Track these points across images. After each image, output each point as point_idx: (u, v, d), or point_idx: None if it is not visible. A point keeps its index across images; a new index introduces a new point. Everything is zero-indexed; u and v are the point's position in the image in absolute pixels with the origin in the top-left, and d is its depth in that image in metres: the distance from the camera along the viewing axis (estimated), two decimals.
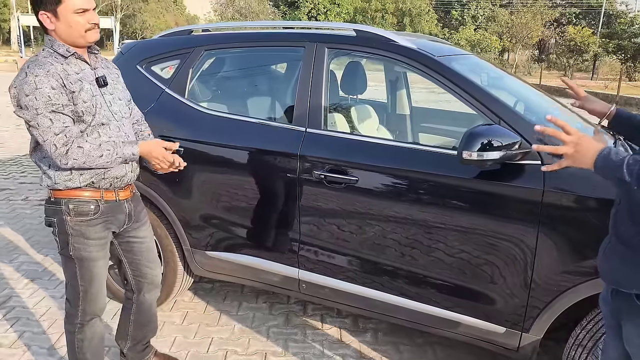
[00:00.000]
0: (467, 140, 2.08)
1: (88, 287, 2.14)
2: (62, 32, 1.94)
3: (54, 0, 1.89)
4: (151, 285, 2.40)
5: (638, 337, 1.50)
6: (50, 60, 1.93)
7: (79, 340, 2.22)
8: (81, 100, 1.96)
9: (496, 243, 2.21)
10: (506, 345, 2.32)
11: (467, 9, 49.77)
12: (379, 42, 2.61)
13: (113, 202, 2.13)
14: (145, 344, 2.55)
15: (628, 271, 1.49)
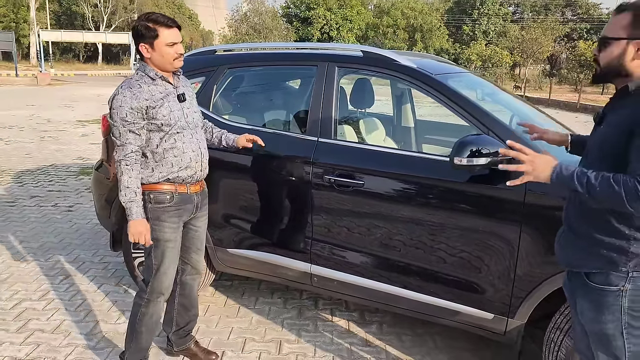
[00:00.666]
0: (457, 148, 2.39)
1: (159, 265, 2.54)
2: (155, 60, 2.40)
3: (152, 35, 2.35)
4: (193, 269, 2.78)
5: (589, 310, 1.79)
6: (140, 82, 2.39)
7: (142, 314, 2.61)
8: (161, 114, 2.40)
9: (485, 239, 2.52)
10: (495, 330, 2.61)
11: (479, 24, 50.27)
12: (383, 62, 2.95)
13: (185, 194, 2.54)
14: (187, 331, 2.90)
15: (577, 254, 1.79)
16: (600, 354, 1.82)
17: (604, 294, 1.73)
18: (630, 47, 1.65)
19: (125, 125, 2.35)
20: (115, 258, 4.33)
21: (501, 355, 3.03)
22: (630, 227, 1.65)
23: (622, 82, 1.72)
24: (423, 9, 37.33)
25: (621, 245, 1.68)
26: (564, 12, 56.02)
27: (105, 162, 3.75)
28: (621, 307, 1.71)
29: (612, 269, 1.70)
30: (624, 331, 1.73)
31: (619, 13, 1.70)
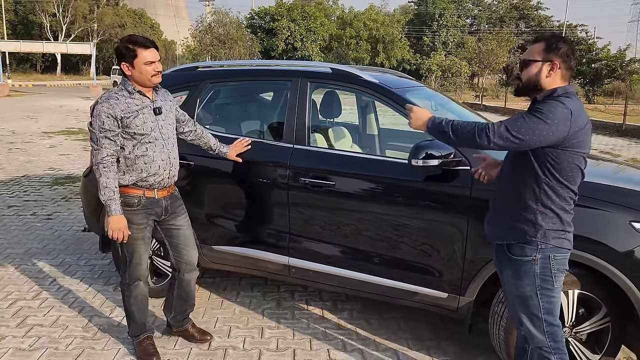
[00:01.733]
0: (414, 151, 2.82)
1: (131, 258, 2.89)
2: (135, 77, 2.74)
3: (132, 55, 2.70)
4: (188, 265, 3.10)
5: (511, 277, 2.25)
6: (118, 95, 2.73)
7: (127, 297, 2.99)
8: (134, 124, 2.72)
9: (439, 229, 2.95)
10: (448, 307, 3.04)
11: (438, 35, 51.80)
12: (349, 77, 3.37)
13: (152, 198, 2.84)
14: (184, 316, 3.24)
15: (500, 229, 2.28)
16: (522, 314, 2.27)
17: (521, 263, 2.20)
18: (544, 67, 2.13)
19: (101, 132, 2.68)
20: (100, 261, 4.59)
21: (456, 332, 3.47)
22: (537, 202, 2.13)
23: (535, 94, 2.21)
24: (385, 21, 38.37)
25: (530, 219, 2.16)
26: (518, 24, 58.32)
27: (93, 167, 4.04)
28: (534, 273, 2.18)
29: (526, 241, 2.17)
30: (538, 292, 2.20)
31: (535, 42, 2.21)
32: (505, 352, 2.83)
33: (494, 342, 2.93)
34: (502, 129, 2.06)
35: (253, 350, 3.20)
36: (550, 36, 2.19)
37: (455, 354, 3.22)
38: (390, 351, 3.24)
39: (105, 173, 2.70)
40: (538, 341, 2.27)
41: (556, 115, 2.01)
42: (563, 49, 2.13)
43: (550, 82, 2.15)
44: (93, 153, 2.75)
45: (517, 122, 2.06)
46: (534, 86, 2.18)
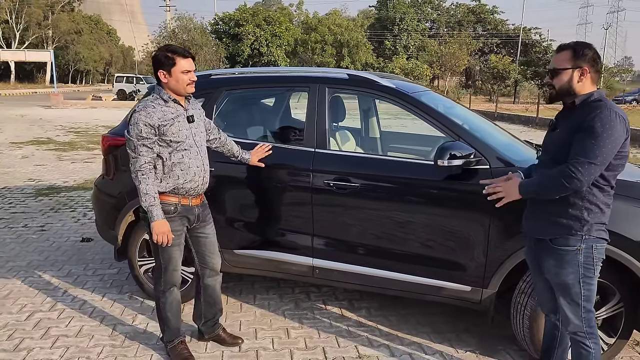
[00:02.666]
0: (439, 152, 2.97)
1: (167, 264, 2.95)
2: (171, 85, 2.80)
3: (171, 63, 2.76)
4: (212, 271, 3.15)
5: (554, 267, 2.40)
6: (154, 103, 2.78)
7: (162, 303, 3.02)
8: (170, 132, 2.77)
9: (464, 225, 3.10)
10: (472, 300, 3.19)
11: (399, 39, 52.77)
12: (367, 83, 3.50)
13: (187, 206, 2.90)
14: (214, 321, 3.29)
15: (543, 225, 2.43)
16: (562, 300, 2.44)
17: (565, 253, 2.36)
18: (575, 73, 2.30)
19: (139, 140, 2.74)
20: (108, 270, 4.57)
21: (472, 325, 3.63)
22: (584, 199, 2.29)
23: (570, 99, 2.37)
24: (349, 26, 38.83)
25: (577, 215, 2.32)
26: (475, 27, 59.99)
27: (106, 176, 4.04)
28: (578, 262, 2.35)
29: (571, 233, 2.33)
30: (580, 280, 2.36)
31: (560, 51, 2.40)
32: (529, 339, 3.01)
33: (516, 331, 3.11)
34: (586, 167, 2.18)
35: (284, 349, 3.28)
36: (575, 44, 2.35)
37: (476, 345, 3.38)
38: (414, 345, 3.37)
39: (144, 180, 2.75)
40: (575, 327, 2.44)
41: (616, 126, 2.17)
42: (589, 55, 2.30)
43: (582, 86, 2.32)
44: (131, 161, 2.79)
45: (592, 150, 2.17)
46: (567, 92, 2.35)
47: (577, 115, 2.30)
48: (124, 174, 3.84)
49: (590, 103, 2.28)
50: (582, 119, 2.24)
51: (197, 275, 3.19)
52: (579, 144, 2.21)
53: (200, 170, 2.93)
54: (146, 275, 3.89)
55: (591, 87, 2.33)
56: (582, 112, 2.28)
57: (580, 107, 2.31)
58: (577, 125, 2.25)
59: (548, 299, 2.63)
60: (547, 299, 2.63)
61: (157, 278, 3.03)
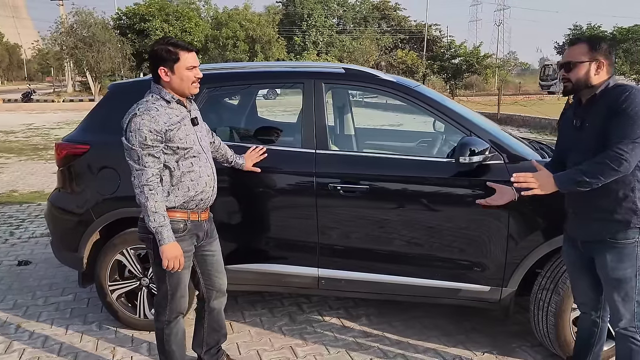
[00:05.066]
0: (460, 149, 2.82)
1: (175, 291, 2.54)
2: (174, 83, 2.39)
3: (174, 59, 2.34)
4: (219, 293, 2.78)
5: (611, 262, 2.31)
6: (156, 105, 2.34)
7: (167, 335, 2.60)
8: (177, 137, 2.38)
9: (482, 223, 2.97)
10: (491, 300, 3.08)
11: (308, 35, 52.89)
12: (365, 77, 3.27)
13: (196, 221, 2.52)
14: (218, 348, 2.89)
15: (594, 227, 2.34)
16: (616, 295, 2.36)
17: (624, 246, 2.28)
18: (592, 65, 2.26)
19: (144, 149, 2.32)
20: (61, 297, 3.99)
21: (479, 324, 3.54)
22: (634, 190, 2.23)
23: (587, 92, 2.33)
24: (260, 21, 38.19)
25: (631, 207, 2.25)
26: (380, 24, 61.61)
27: (63, 190, 3.49)
28: (636, 255, 2.28)
29: (629, 227, 2.25)
30: (637, 273, 2.30)
31: (574, 44, 2.37)
32: (554, 336, 2.94)
33: (537, 327, 3.04)
34: (631, 147, 2.10)
35: None
36: (589, 37, 2.38)
37: (490, 345, 3.29)
38: (430, 351, 3.22)
39: (152, 196, 2.33)
40: (626, 322, 2.37)
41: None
42: (605, 47, 2.29)
43: (599, 78, 2.29)
44: (134, 174, 2.36)
45: (633, 131, 2.11)
46: (585, 85, 2.30)
47: (602, 105, 2.26)
48: (88, 187, 3.35)
49: (611, 90, 2.26)
50: (612, 105, 2.20)
51: (202, 298, 2.80)
52: (617, 128, 2.16)
53: (211, 180, 2.56)
54: (119, 301, 3.40)
55: (606, 76, 2.31)
56: (606, 100, 2.25)
57: (602, 96, 2.28)
58: (609, 112, 2.20)
59: (591, 298, 2.56)
60: (590, 298, 2.57)
61: (161, 307, 2.59)
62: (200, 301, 2.81)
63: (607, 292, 2.41)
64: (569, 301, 2.87)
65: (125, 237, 3.32)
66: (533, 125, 16.70)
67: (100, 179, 3.31)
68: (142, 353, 3.18)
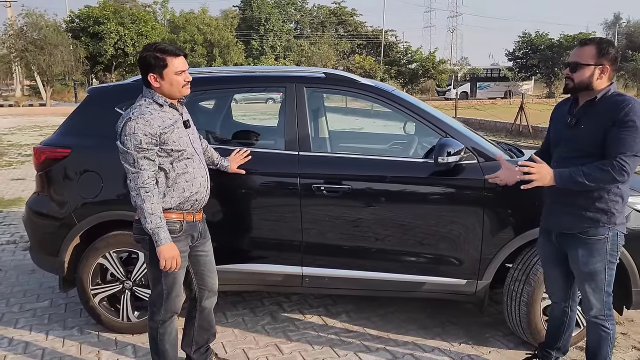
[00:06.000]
0: (439, 150, 2.98)
1: (170, 290, 2.59)
2: (164, 88, 2.45)
3: (162, 65, 2.40)
4: (210, 292, 2.83)
5: (582, 256, 2.49)
6: (149, 109, 2.41)
7: (161, 334, 2.65)
8: (171, 140, 2.44)
9: (457, 220, 3.15)
10: (467, 292, 3.26)
11: (266, 39, 52.87)
12: (346, 81, 3.40)
13: (191, 222, 2.58)
14: (207, 347, 2.94)
15: (571, 220, 2.51)
16: (587, 287, 2.55)
17: (594, 242, 2.47)
18: (597, 70, 2.41)
19: (140, 152, 2.37)
20: (37, 303, 3.93)
21: (454, 317, 3.72)
22: (609, 192, 2.42)
23: (586, 94, 2.47)
24: (218, 25, 37.86)
25: (603, 208, 2.44)
26: (337, 29, 62.22)
27: (42, 193, 3.46)
28: (605, 251, 2.47)
29: (600, 225, 2.44)
30: (606, 267, 2.50)
31: (583, 45, 2.44)
32: (526, 324, 3.14)
33: (510, 317, 3.23)
34: (632, 160, 2.28)
35: None
36: (599, 40, 2.44)
37: (465, 336, 3.46)
38: (410, 344, 3.36)
39: (148, 198, 2.38)
40: (596, 311, 2.57)
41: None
42: (612, 53, 2.40)
43: (600, 83, 2.41)
44: (130, 177, 2.40)
45: (635, 144, 2.28)
46: (586, 87, 2.43)
47: (601, 110, 2.39)
48: (69, 191, 3.34)
49: (610, 97, 2.39)
50: (615, 115, 2.32)
51: (194, 298, 2.84)
52: (620, 139, 2.29)
53: (205, 181, 2.63)
54: (102, 304, 3.39)
55: (607, 83, 2.43)
56: (606, 107, 2.37)
57: (601, 101, 2.41)
58: (610, 120, 2.33)
59: (560, 288, 2.76)
60: (560, 288, 2.76)
61: (156, 307, 2.63)
62: (192, 301, 2.85)
63: (580, 284, 2.61)
64: (540, 291, 3.07)
65: (108, 240, 3.32)
66: (489, 129, 17.29)
67: (82, 183, 3.30)
68: (127, 355, 3.19)
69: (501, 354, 3.23)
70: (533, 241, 3.08)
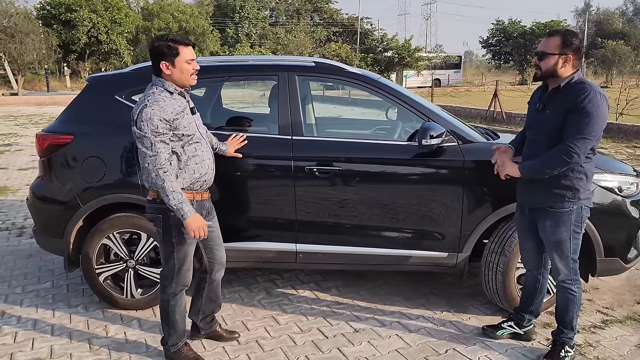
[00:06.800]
0: (422, 133, 3.24)
1: (181, 265, 2.81)
2: (175, 76, 2.65)
3: (174, 53, 2.61)
4: (220, 265, 3.08)
5: (550, 227, 2.80)
6: (162, 96, 2.61)
7: (172, 306, 2.87)
8: (182, 125, 2.65)
9: (439, 198, 3.42)
10: (448, 264, 3.54)
11: (241, 27, 52.49)
12: (335, 70, 3.64)
13: (200, 201, 2.82)
14: (212, 317, 3.19)
15: (540, 195, 2.82)
16: (555, 254, 2.86)
17: (560, 214, 2.77)
18: (560, 59, 2.69)
19: (157, 136, 2.58)
20: (39, 285, 4.09)
21: (436, 289, 4.01)
22: (574, 171, 2.71)
23: (553, 81, 2.76)
24: (193, 13, 37.49)
25: (568, 185, 2.74)
26: (313, 16, 62.09)
27: (45, 178, 3.61)
28: (570, 222, 2.78)
29: (564, 199, 2.74)
30: (571, 237, 2.80)
31: (551, 36, 2.73)
32: (502, 292, 3.44)
33: (487, 286, 3.53)
34: (582, 142, 2.56)
35: (282, 336, 3.32)
36: (565, 32, 2.72)
37: (447, 305, 3.75)
38: (397, 313, 3.63)
39: (168, 177, 2.59)
40: (564, 275, 2.88)
41: (603, 105, 2.58)
42: (576, 44, 2.67)
43: (565, 71, 2.70)
44: (148, 160, 2.59)
45: (586, 128, 2.55)
46: (552, 75, 2.72)
47: (564, 97, 2.67)
48: (74, 175, 3.50)
49: (574, 85, 2.68)
50: (573, 101, 2.60)
51: (204, 270, 3.07)
52: (574, 123, 2.59)
53: (211, 162, 2.86)
54: (106, 283, 3.58)
55: (572, 71, 2.72)
56: (569, 94, 2.65)
57: (565, 89, 2.70)
58: (569, 107, 2.61)
59: (534, 257, 3.06)
60: (534, 258, 3.06)
61: (167, 280, 2.84)
62: (201, 274, 3.08)
63: (549, 252, 2.91)
64: (514, 261, 3.38)
65: (112, 222, 3.50)
66: (464, 115, 17.68)
67: (86, 168, 3.47)
68: (134, 328, 3.39)
69: (480, 320, 3.53)
70: (507, 217, 3.39)
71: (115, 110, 3.52)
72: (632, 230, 3.55)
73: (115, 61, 33.60)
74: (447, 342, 3.25)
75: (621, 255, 3.51)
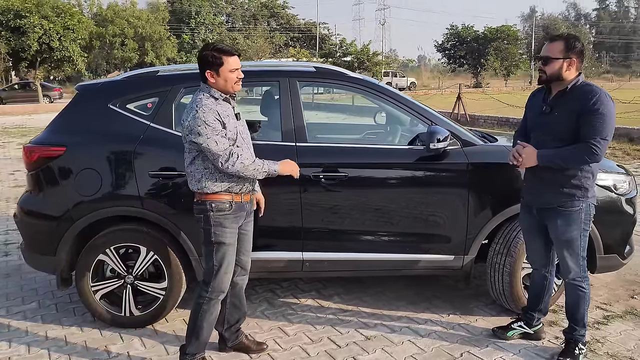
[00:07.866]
0: (429, 137, 3.23)
1: (220, 266, 2.79)
2: (219, 84, 2.70)
3: (219, 63, 2.66)
4: (243, 270, 3.04)
5: (561, 226, 2.85)
6: (209, 102, 2.67)
7: (204, 311, 2.82)
8: (227, 130, 2.68)
9: (446, 200, 3.43)
10: (454, 267, 3.55)
11: (197, 33, 51.82)
12: (335, 75, 3.60)
13: (240, 203, 2.81)
14: (238, 327, 3.13)
15: (550, 196, 2.86)
16: (566, 253, 2.90)
17: (570, 213, 2.82)
18: (565, 63, 2.75)
19: (218, 133, 2.64)
20: (24, 306, 3.86)
21: (438, 292, 4.01)
22: (582, 171, 2.77)
23: (558, 84, 2.82)
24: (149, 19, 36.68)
25: (577, 184, 2.79)
26: (269, 22, 62.00)
27: (34, 193, 3.42)
28: (580, 220, 2.83)
29: (574, 198, 2.79)
30: (581, 234, 2.86)
31: (553, 41, 2.81)
32: (509, 292, 3.47)
33: (493, 287, 3.55)
34: (603, 143, 2.64)
35: (293, 347, 3.24)
36: (567, 36, 2.80)
37: (452, 308, 3.76)
38: (404, 318, 3.61)
39: (243, 162, 2.68)
40: (574, 273, 2.93)
41: (611, 104, 2.67)
42: (578, 47, 2.76)
43: (569, 74, 2.77)
44: (220, 160, 2.65)
45: (603, 130, 2.63)
46: (557, 78, 2.79)
47: (573, 99, 2.75)
48: (66, 189, 3.33)
49: (580, 87, 2.76)
50: (585, 103, 2.68)
51: None
52: (590, 125, 2.66)
53: None
54: (103, 300, 3.41)
55: (575, 73, 2.79)
56: (577, 96, 2.73)
57: (572, 91, 2.77)
58: (580, 109, 2.69)
59: (542, 256, 3.10)
60: (541, 256, 3.10)
61: (205, 283, 2.82)
62: None
63: (559, 251, 2.95)
64: (520, 262, 3.41)
65: (107, 236, 3.34)
66: None
67: (80, 180, 3.30)
68: (136, 347, 3.24)
69: (487, 321, 3.55)
70: (512, 217, 3.42)
71: (109, 119, 3.38)
72: (628, 227, 3.66)
73: (69, 68, 32.52)
74: (460, 345, 3.25)
75: (619, 252, 3.61)
